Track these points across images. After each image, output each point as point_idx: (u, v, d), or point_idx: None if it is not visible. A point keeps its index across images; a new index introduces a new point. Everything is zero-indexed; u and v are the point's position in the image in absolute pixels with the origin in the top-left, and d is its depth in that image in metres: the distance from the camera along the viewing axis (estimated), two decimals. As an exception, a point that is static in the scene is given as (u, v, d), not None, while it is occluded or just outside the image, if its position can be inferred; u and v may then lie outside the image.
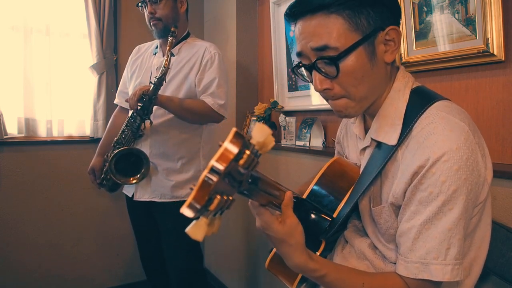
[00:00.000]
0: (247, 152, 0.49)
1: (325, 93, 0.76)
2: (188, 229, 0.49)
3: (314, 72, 0.74)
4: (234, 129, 0.49)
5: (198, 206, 0.46)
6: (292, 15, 0.75)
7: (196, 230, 0.49)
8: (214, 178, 0.46)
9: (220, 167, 0.46)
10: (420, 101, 0.76)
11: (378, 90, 0.78)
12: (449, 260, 0.68)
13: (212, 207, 0.47)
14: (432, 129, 0.70)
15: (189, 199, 0.45)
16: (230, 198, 0.51)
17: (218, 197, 0.48)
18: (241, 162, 0.49)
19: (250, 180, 0.57)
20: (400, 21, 0.78)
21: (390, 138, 0.76)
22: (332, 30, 0.70)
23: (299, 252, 0.70)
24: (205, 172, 0.46)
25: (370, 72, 0.73)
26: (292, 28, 0.78)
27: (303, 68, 0.79)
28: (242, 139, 0.48)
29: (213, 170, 0.46)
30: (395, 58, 0.76)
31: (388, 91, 0.80)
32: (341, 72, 0.71)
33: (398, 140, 0.75)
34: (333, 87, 0.74)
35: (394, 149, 0.75)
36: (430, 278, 0.68)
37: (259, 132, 0.51)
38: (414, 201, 0.71)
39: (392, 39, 0.74)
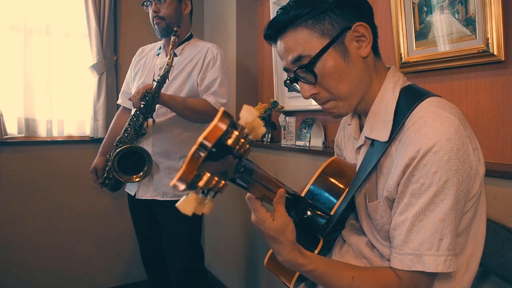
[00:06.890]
0: (236, 132, 0.51)
1: (314, 99, 0.82)
2: (178, 203, 0.51)
3: (299, 83, 0.80)
4: (222, 109, 0.51)
5: (187, 180, 0.47)
6: (268, 38, 0.82)
7: (185, 205, 0.51)
8: (202, 154, 0.48)
9: (208, 143, 0.48)
10: (411, 98, 0.77)
11: (362, 85, 0.80)
12: (442, 251, 0.69)
13: (201, 183, 0.49)
14: (422, 122, 0.72)
15: (179, 173, 0.47)
16: (223, 182, 0.53)
17: (208, 174, 0.49)
18: (230, 142, 0.50)
19: (242, 169, 0.58)
20: (370, 15, 0.80)
21: (382, 135, 0.78)
22: (301, 41, 0.76)
23: (289, 249, 0.72)
24: (194, 148, 0.48)
25: (347, 70, 0.77)
26: (274, 48, 0.84)
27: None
28: (230, 118, 0.50)
29: (201, 146, 0.48)
30: (370, 52, 0.79)
31: (378, 89, 0.82)
32: (318, 76, 0.77)
33: (390, 136, 0.76)
34: (318, 91, 0.79)
35: (387, 145, 0.77)
36: (423, 270, 0.69)
37: (247, 113, 0.52)
38: (407, 193, 0.72)
39: (362, 34, 0.77)
